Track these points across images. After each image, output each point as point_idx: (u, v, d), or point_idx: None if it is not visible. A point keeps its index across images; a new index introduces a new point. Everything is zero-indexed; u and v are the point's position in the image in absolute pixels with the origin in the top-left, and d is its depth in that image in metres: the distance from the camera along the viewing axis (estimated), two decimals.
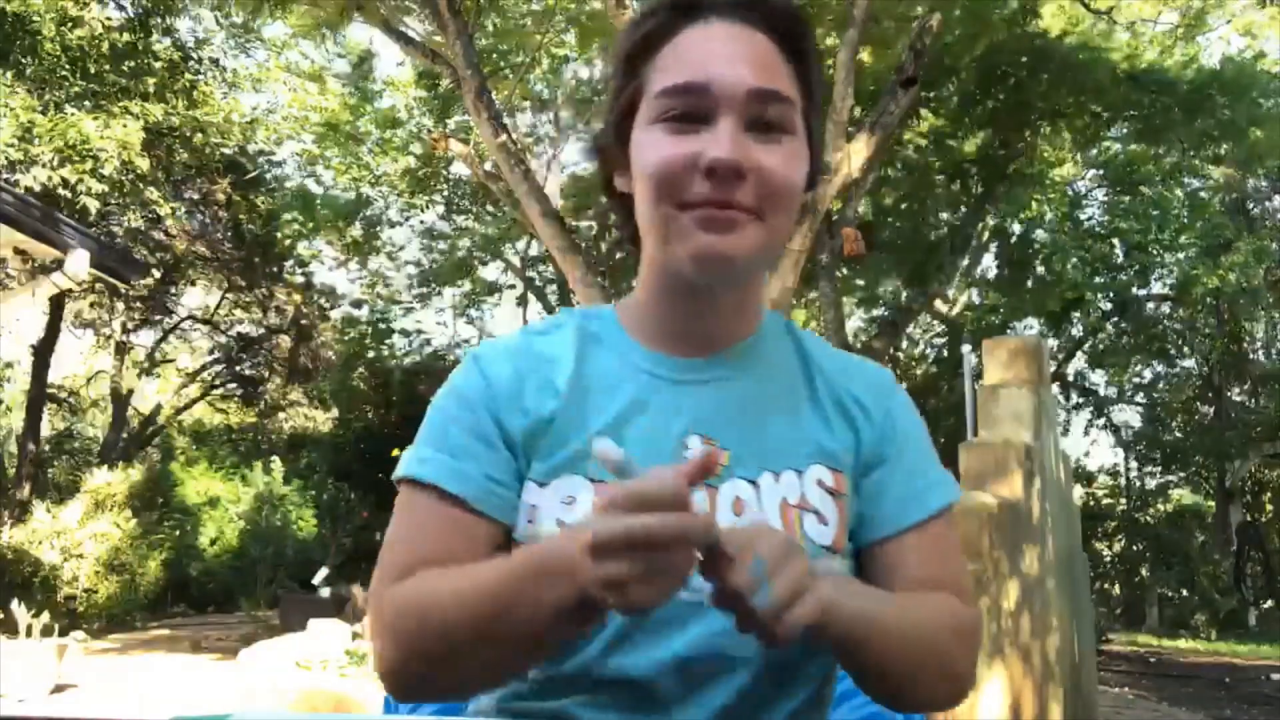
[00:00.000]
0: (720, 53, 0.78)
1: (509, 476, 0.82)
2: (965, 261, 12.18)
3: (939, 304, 12.36)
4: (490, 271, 16.16)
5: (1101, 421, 17.31)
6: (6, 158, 9.02)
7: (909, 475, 0.89)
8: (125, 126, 9.76)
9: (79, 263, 6.10)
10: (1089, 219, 11.80)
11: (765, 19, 0.80)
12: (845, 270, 11.30)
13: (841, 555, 0.85)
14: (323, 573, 10.54)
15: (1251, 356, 16.73)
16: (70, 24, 10.21)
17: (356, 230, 14.00)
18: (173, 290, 15.19)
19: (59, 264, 6.14)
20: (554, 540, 0.70)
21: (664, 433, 0.84)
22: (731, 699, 0.79)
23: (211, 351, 17.18)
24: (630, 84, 0.82)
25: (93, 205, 9.48)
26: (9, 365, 15.53)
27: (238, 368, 17.16)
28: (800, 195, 0.81)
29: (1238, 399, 17.55)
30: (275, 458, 14.49)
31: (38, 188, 8.86)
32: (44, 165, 9.18)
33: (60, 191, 9.23)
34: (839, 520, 0.85)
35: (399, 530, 0.82)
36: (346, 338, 16.24)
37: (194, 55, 12.20)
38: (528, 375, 0.86)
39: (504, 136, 7.58)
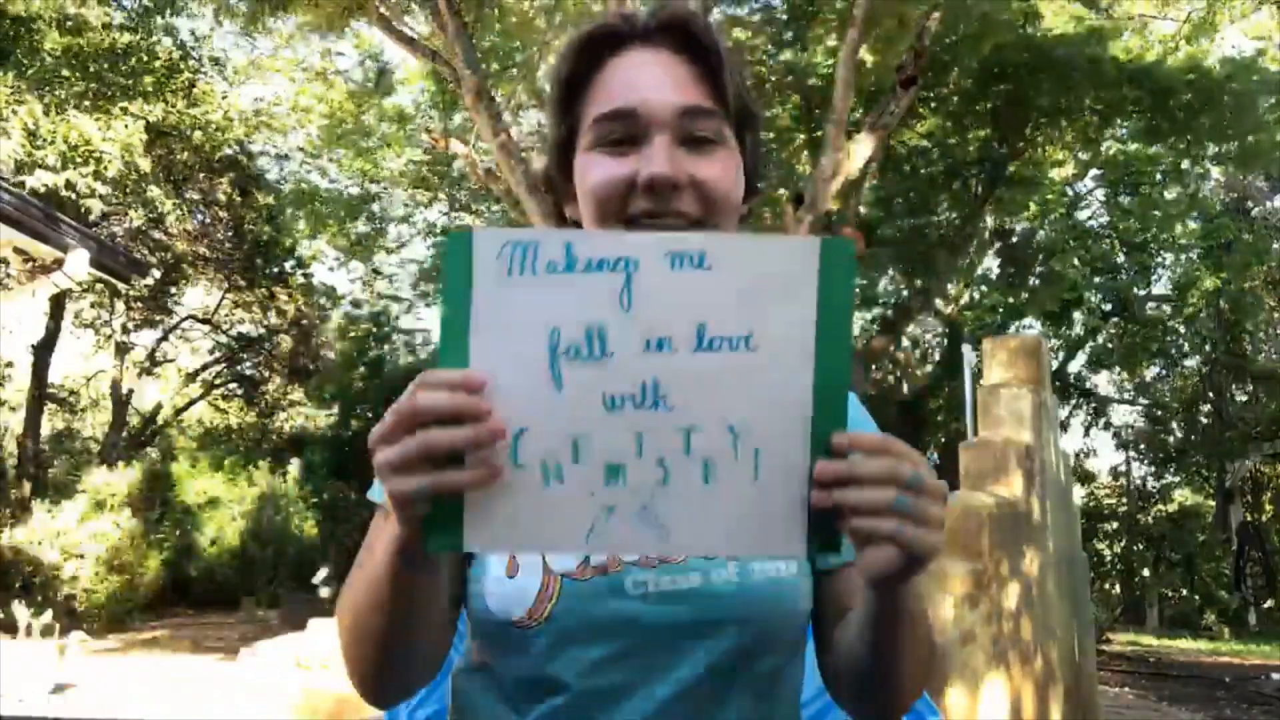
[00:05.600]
0: (645, 79, 0.81)
1: None
2: (966, 261, 12.17)
3: (939, 303, 12.34)
4: None
5: (1102, 422, 17.29)
6: (14, 160, 9.03)
7: None
8: (127, 127, 9.77)
9: (79, 263, 6.10)
10: (1089, 219, 11.79)
11: (680, 43, 0.83)
12: None
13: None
14: (323, 572, 10.55)
15: (1251, 355, 16.70)
16: (70, 25, 10.21)
17: (361, 227, 13.95)
18: (173, 290, 15.18)
19: (59, 264, 6.14)
20: None
21: None
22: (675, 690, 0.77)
23: (212, 351, 17.17)
24: (566, 119, 0.85)
25: (96, 207, 9.49)
26: (9, 365, 15.52)
27: (238, 368, 17.16)
28: (738, 203, 0.83)
29: (1238, 399, 17.53)
30: (294, 460, 14.43)
31: (43, 190, 8.87)
32: (48, 168, 9.19)
33: (64, 194, 9.24)
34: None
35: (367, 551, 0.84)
36: (347, 338, 16.21)
37: (193, 53, 12.20)
38: None
39: (503, 135, 7.59)
